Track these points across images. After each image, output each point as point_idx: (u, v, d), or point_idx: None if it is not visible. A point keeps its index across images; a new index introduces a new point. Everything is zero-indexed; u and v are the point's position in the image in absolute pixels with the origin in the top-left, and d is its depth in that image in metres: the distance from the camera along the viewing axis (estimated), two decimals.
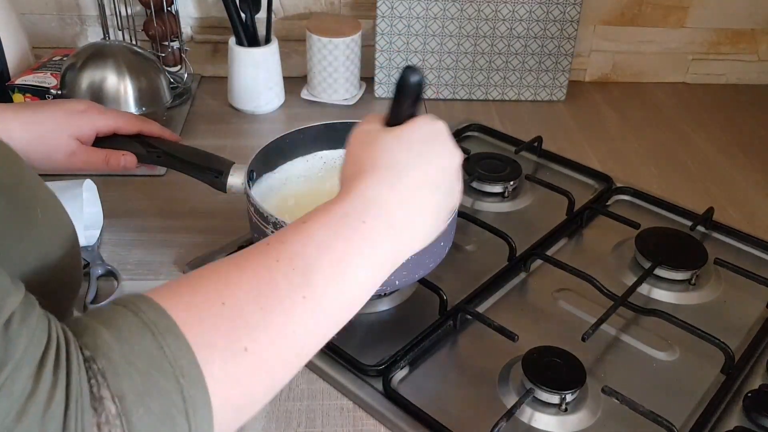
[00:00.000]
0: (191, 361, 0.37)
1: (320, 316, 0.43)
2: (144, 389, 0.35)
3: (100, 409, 0.34)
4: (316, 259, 0.43)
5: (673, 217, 0.96)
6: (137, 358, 0.35)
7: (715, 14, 1.27)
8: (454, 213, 0.54)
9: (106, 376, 0.34)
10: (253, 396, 0.40)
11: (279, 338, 0.40)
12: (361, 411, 0.68)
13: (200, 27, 1.25)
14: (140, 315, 0.37)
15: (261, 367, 0.40)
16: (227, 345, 0.38)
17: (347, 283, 0.44)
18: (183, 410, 0.36)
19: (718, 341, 0.72)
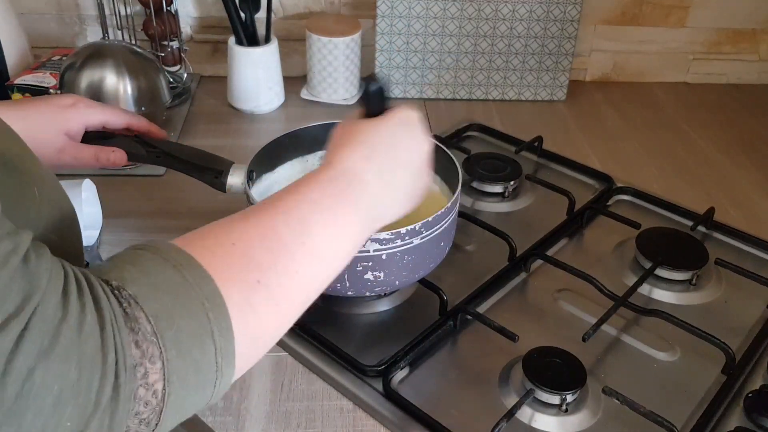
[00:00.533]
0: (213, 288, 0.40)
1: (318, 261, 0.48)
2: (174, 311, 0.38)
3: (136, 327, 0.37)
4: (310, 212, 0.48)
5: (674, 217, 0.96)
6: (164, 285, 0.39)
7: (716, 14, 1.27)
8: (421, 197, 0.61)
9: (138, 300, 0.37)
10: (266, 328, 0.44)
11: (285, 276, 0.45)
12: (361, 411, 0.68)
13: (200, 26, 1.25)
14: (160, 253, 0.41)
15: (272, 300, 0.44)
16: (242, 277, 0.42)
17: (337, 235, 0.50)
18: (210, 330, 0.39)
19: (719, 341, 0.72)
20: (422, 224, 0.68)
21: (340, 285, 0.69)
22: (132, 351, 0.36)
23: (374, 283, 0.70)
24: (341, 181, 0.52)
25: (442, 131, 1.11)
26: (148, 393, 0.37)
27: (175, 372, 0.38)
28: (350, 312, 0.78)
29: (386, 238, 0.66)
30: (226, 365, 0.41)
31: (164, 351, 0.37)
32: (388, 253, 0.67)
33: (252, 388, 0.70)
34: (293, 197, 0.49)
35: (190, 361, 0.38)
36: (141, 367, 0.36)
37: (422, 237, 0.69)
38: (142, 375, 0.36)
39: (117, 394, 0.35)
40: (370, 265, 0.68)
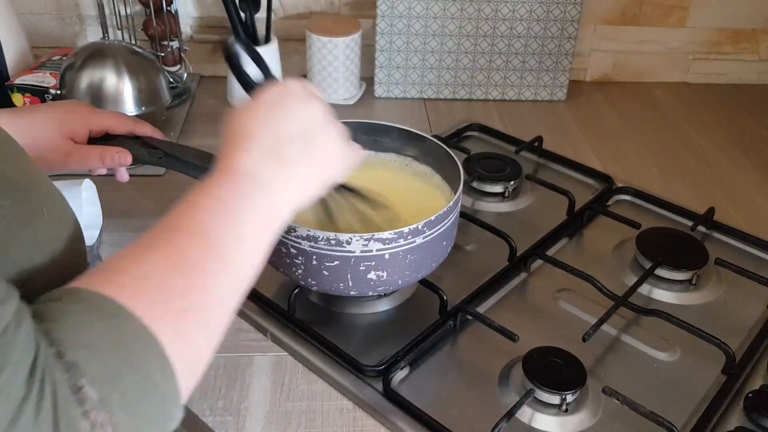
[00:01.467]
0: (147, 333, 0.38)
1: (233, 267, 0.46)
2: (117, 369, 0.37)
3: (82, 398, 0.35)
4: (208, 221, 0.47)
5: (674, 217, 0.96)
6: (100, 342, 0.37)
7: (716, 14, 1.27)
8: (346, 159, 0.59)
9: (79, 365, 0.36)
10: (200, 352, 0.43)
11: (205, 295, 0.44)
12: (361, 411, 0.68)
13: (200, 26, 1.25)
14: (86, 304, 0.38)
15: (200, 323, 0.43)
16: (167, 310, 0.41)
17: (243, 235, 0.48)
18: (154, 382, 0.38)
19: (719, 341, 0.72)
20: (425, 223, 0.68)
21: (343, 285, 0.69)
22: (81, 425, 0.35)
23: (377, 283, 0.70)
24: (229, 183, 0.50)
25: (442, 131, 1.11)
26: None
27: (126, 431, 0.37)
28: (350, 312, 0.78)
29: (389, 237, 0.66)
30: (172, 408, 0.40)
31: (113, 416, 0.36)
32: (391, 252, 0.67)
33: (252, 388, 0.70)
34: (191, 212, 0.47)
35: (141, 417, 0.37)
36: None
37: (425, 236, 0.69)
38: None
39: None
40: (373, 265, 0.68)
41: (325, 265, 0.68)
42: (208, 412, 0.67)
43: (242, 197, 0.49)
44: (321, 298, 0.79)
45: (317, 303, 0.79)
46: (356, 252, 0.67)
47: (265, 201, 0.50)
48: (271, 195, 0.51)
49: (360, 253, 0.67)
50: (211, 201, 0.48)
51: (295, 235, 0.67)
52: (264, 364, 0.72)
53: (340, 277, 0.69)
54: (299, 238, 0.67)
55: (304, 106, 0.55)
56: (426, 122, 1.17)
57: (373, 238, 0.66)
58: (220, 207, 0.48)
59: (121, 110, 0.98)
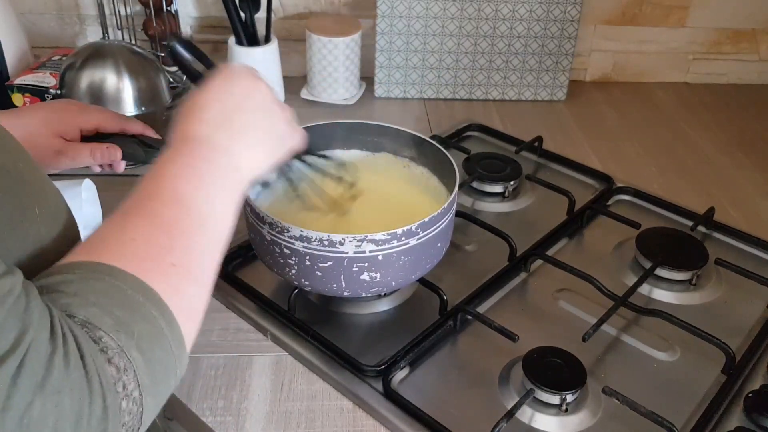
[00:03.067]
0: (145, 287, 0.42)
1: (208, 224, 0.50)
2: (127, 320, 0.40)
3: (104, 347, 0.38)
4: (176, 184, 0.50)
5: (674, 217, 0.96)
6: (103, 299, 0.40)
7: (716, 14, 1.27)
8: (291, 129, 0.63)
9: (92, 321, 0.39)
10: (194, 302, 0.46)
11: (188, 250, 0.47)
12: (361, 411, 0.68)
13: (200, 26, 1.25)
14: (76, 272, 0.41)
15: (189, 276, 0.46)
16: (158, 266, 0.44)
17: (211, 194, 0.51)
18: (160, 327, 0.41)
19: (719, 341, 0.72)
20: (418, 225, 0.68)
21: (336, 286, 0.69)
22: (108, 370, 0.38)
23: (371, 284, 0.70)
24: (186, 150, 0.53)
25: (442, 131, 1.11)
26: (129, 403, 0.39)
27: (146, 375, 0.40)
28: (350, 312, 0.78)
29: (382, 239, 0.66)
30: (180, 352, 0.43)
31: (132, 360, 0.39)
32: (384, 254, 0.67)
33: (252, 388, 0.70)
34: (161, 181, 0.50)
35: (155, 360, 0.41)
36: (119, 383, 0.38)
37: (419, 238, 0.68)
38: (122, 388, 0.38)
39: (106, 414, 0.37)
40: (366, 266, 0.68)
41: (318, 265, 0.68)
42: (208, 412, 0.67)
43: (203, 161, 0.52)
44: (321, 298, 0.79)
45: (317, 303, 0.79)
46: (349, 253, 0.67)
47: (224, 162, 0.53)
48: (229, 158, 0.54)
49: (353, 254, 0.67)
50: (176, 168, 0.51)
51: (288, 235, 0.67)
52: (264, 364, 0.72)
53: (333, 278, 0.69)
54: (292, 239, 0.67)
55: (250, 84, 0.59)
56: (426, 122, 1.17)
57: (366, 239, 0.66)
58: (186, 172, 0.51)
59: (122, 111, 0.98)
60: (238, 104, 0.57)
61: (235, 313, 0.78)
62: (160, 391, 0.42)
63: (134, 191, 0.49)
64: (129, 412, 0.39)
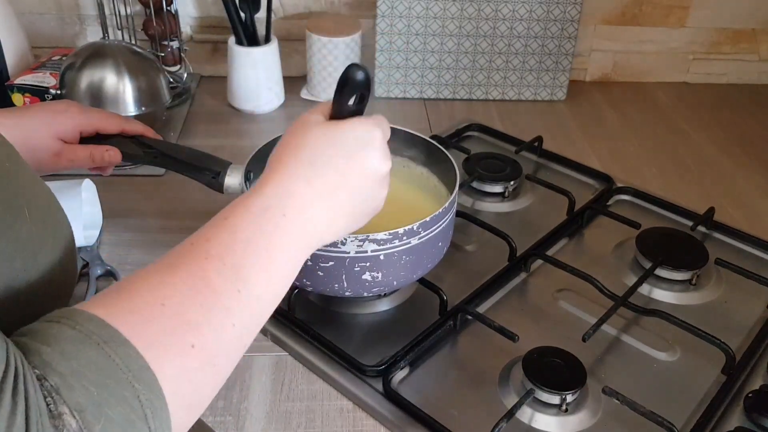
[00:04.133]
0: (142, 365, 0.37)
1: (255, 306, 0.44)
2: (101, 399, 0.35)
3: (60, 426, 0.34)
4: (243, 254, 0.44)
5: (674, 217, 0.96)
6: (87, 370, 0.35)
7: (716, 14, 1.27)
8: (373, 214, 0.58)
9: (61, 392, 0.34)
10: (202, 392, 0.41)
11: (221, 332, 0.41)
12: (361, 411, 0.68)
13: (200, 26, 1.25)
14: (77, 328, 0.37)
15: (207, 362, 0.41)
16: (174, 343, 0.39)
17: (274, 272, 0.46)
18: (142, 415, 0.36)
19: (719, 342, 0.72)
20: (420, 224, 0.68)
21: (338, 286, 0.69)
22: None
23: (372, 284, 0.70)
24: (277, 212, 0.48)
25: (442, 131, 1.11)
26: None
27: None
28: (350, 312, 0.78)
29: (384, 238, 0.66)
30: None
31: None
32: (386, 253, 0.67)
33: (252, 388, 0.70)
34: (224, 236, 0.45)
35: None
36: None
37: (420, 237, 0.69)
38: None
39: None
40: (368, 266, 0.68)
41: (319, 265, 0.68)
42: (208, 412, 0.67)
43: (285, 235, 0.47)
44: (321, 298, 0.79)
45: (317, 303, 0.79)
46: (351, 253, 0.67)
47: (305, 240, 0.49)
48: (313, 234, 0.49)
49: (355, 253, 0.67)
50: (251, 231, 0.46)
51: None
52: (264, 364, 0.72)
53: (334, 278, 0.69)
54: None
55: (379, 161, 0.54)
56: (426, 122, 1.17)
57: (367, 239, 0.66)
58: (260, 242, 0.45)
59: (122, 110, 0.98)
60: (352, 179, 0.52)
61: None
62: None
63: (193, 238, 0.44)
64: None
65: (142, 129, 0.77)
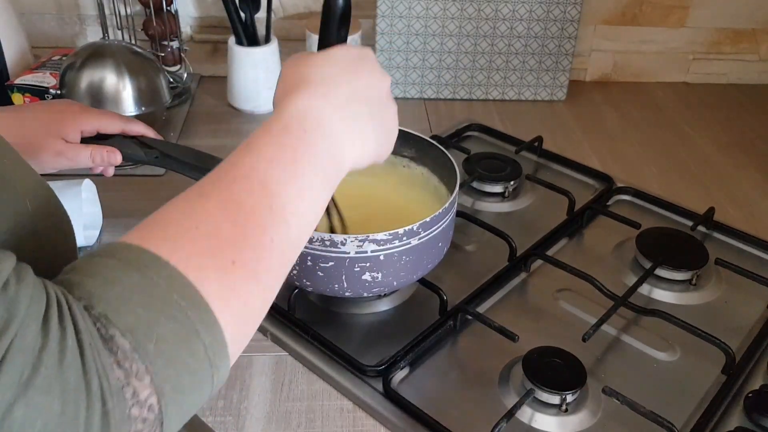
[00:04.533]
0: (186, 284, 0.38)
1: (290, 221, 0.45)
2: (150, 319, 0.36)
3: (114, 347, 0.35)
4: (270, 171, 0.45)
5: (674, 217, 0.96)
6: (132, 294, 0.36)
7: (716, 14, 1.27)
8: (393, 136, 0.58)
9: (109, 317, 0.35)
10: (251, 307, 0.42)
11: (259, 248, 0.42)
12: (361, 411, 0.68)
13: (200, 26, 1.25)
14: (118, 257, 0.38)
15: (251, 277, 0.41)
16: (215, 262, 0.40)
17: (304, 188, 0.46)
18: (194, 330, 0.37)
19: (719, 341, 0.72)
20: (420, 225, 0.68)
21: (337, 286, 0.69)
22: (115, 373, 0.34)
23: (372, 284, 0.70)
24: (297, 128, 0.48)
25: (442, 131, 1.11)
26: (143, 410, 0.35)
27: (167, 382, 0.36)
28: (350, 312, 0.78)
29: (384, 239, 0.66)
30: (219, 359, 0.39)
31: (149, 365, 0.35)
32: (386, 253, 0.67)
33: (252, 388, 0.70)
34: (248, 158, 0.45)
35: (181, 366, 0.37)
36: (129, 388, 0.35)
37: (420, 238, 0.69)
38: (132, 395, 0.35)
39: (107, 421, 0.34)
40: (368, 266, 0.68)
41: (319, 266, 0.68)
42: (208, 412, 0.67)
43: (309, 147, 0.47)
44: (321, 298, 0.79)
45: (317, 303, 0.79)
46: (351, 253, 0.67)
47: (330, 154, 0.49)
48: (337, 149, 0.49)
49: (355, 254, 0.67)
50: (275, 149, 0.46)
51: None
52: (264, 364, 0.72)
53: (334, 278, 0.69)
54: None
55: (380, 75, 0.55)
56: (426, 122, 1.17)
57: (368, 239, 0.66)
58: (284, 156, 0.46)
59: (122, 110, 0.98)
60: (364, 91, 0.52)
61: None
62: (186, 401, 0.38)
63: (220, 166, 0.45)
64: (143, 420, 0.35)
65: (143, 129, 0.77)
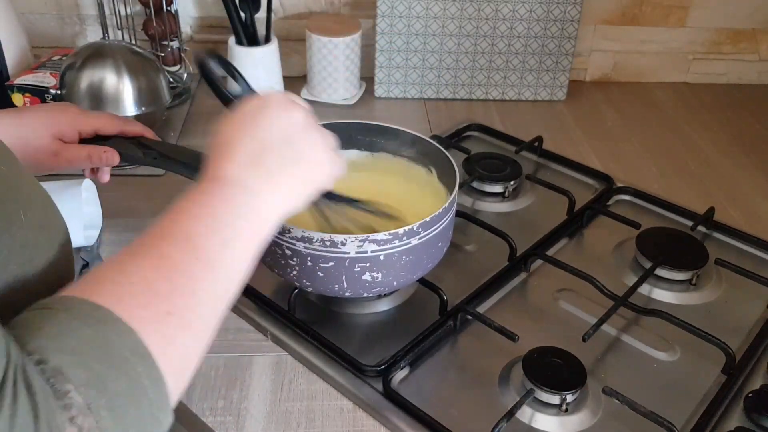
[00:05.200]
0: (135, 339, 0.38)
1: (218, 271, 0.46)
2: (104, 374, 0.36)
3: (68, 403, 0.35)
4: (194, 227, 0.47)
5: (674, 217, 0.96)
6: (86, 348, 0.37)
7: (716, 14, 1.27)
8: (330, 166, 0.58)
9: (64, 371, 0.35)
10: (188, 356, 0.43)
11: (190, 297, 0.44)
12: (361, 411, 0.68)
13: (200, 26, 1.25)
14: (68, 311, 0.38)
15: (185, 326, 0.43)
16: (152, 314, 0.41)
17: (228, 240, 0.48)
18: (143, 387, 0.38)
19: (719, 341, 0.72)
20: (420, 225, 0.68)
21: (338, 286, 0.69)
22: (69, 430, 0.34)
23: (372, 284, 0.70)
24: (214, 190, 0.50)
25: (442, 131, 1.11)
26: None
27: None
28: (350, 312, 0.78)
29: (384, 238, 0.66)
30: (162, 414, 0.40)
31: (99, 420, 0.35)
32: (386, 253, 0.67)
33: (252, 388, 0.70)
34: (174, 217, 0.47)
35: (129, 422, 0.37)
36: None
37: (420, 237, 0.69)
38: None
39: None
40: (368, 266, 0.68)
41: (319, 266, 0.68)
42: (208, 412, 0.67)
43: (227, 203, 0.49)
44: (321, 298, 0.79)
45: (317, 303, 0.79)
46: (351, 253, 0.67)
47: (250, 207, 0.50)
48: (257, 201, 0.51)
49: (355, 254, 0.67)
50: (196, 207, 0.48)
51: (289, 236, 0.67)
52: (264, 364, 0.72)
53: (334, 279, 0.69)
54: (294, 239, 0.67)
55: (285, 113, 0.55)
56: (426, 122, 1.17)
57: (368, 240, 0.66)
58: (204, 212, 0.48)
59: (122, 110, 0.98)
60: (270, 138, 0.53)
61: (235, 313, 0.78)
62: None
63: (148, 230, 0.47)
64: None
65: (141, 130, 0.77)
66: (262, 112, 0.55)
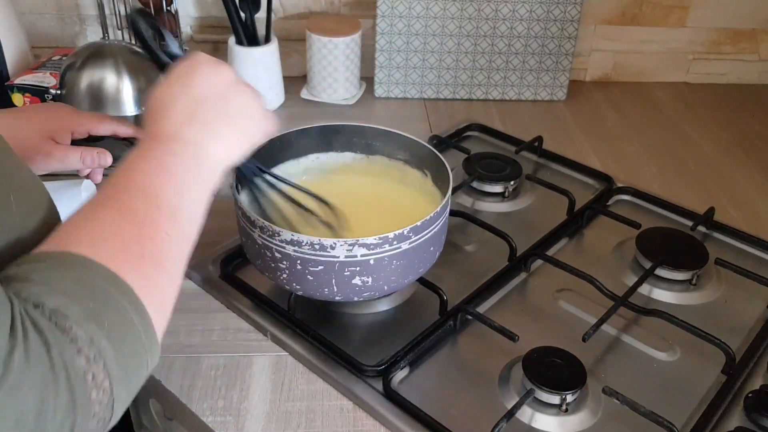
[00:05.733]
0: (114, 276, 0.42)
1: (177, 215, 0.50)
2: (98, 310, 0.40)
3: (73, 337, 0.38)
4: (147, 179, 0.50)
5: (674, 217, 0.96)
6: (74, 289, 0.40)
7: (716, 14, 1.27)
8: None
9: (62, 310, 0.38)
10: (165, 293, 0.47)
11: (159, 241, 0.47)
12: (361, 411, 0.68)
13: (200, 26, 1.25)
14: (48, 262, 0.41)
15: (159, 266, 0.46)
16: (126, 257, 0.44)
17: (181, 188, 0.51)
18: (131, 318, 0.42)
19: (719, 341, 0.72)
20: (410, 229, 0.67)
21: (327, 290, 0.69)
22: (78, 360, 0.38)
23: (362, 288, 0.69)
24: (163, 146, 0.53)
25: (442, 131, 1.11)
26: (99, 393, 0.39)
27: (116, 366, 0.40)
28: (350, 312, 0.78)
29: (374, 242, 0.66)
30: (151, 343, 0.43)
31: (102, 350, 0.39)
32: (375, 258, 0.67)
33: (252, 388, 0.70)
34: (130, 174, 0.50)
35: (125, 351, 0.41)
36: (89, 373, 0.38)
37: (411, 242, 0.68)
38: (92, 379, 0.38)
39: (74, 405, 0.37)
40: (357, 270, 0.67)
41: (309, 269, 0.68)
42: (208, 412, 0.67)
43: (173, 156, 0.52)
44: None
45: (317, 303, 0.79)
46: (340, 257, 0.66)
47: (193, 157, 0.53)
48: (199, 151, 0.54)
49: (344, 258, 0.66)
50: (144, 163, 0.51)
51: (279, 239, 0.67)
52: (264, 364, 0.72)
53: (324, 282, 0.68)
54: (283, 243, 0.67)
55: (214, 70, 0.58)
56: (426, 122, 1.17)
57: (357, 243, 0.65)
58: (154, 166, 0.51)
59: (121, 110, 0.98)
60: (203, 95, 0.56)
61: (235, 313, 0.78)
62: (131, 381, 0.42)
63: (104, 185, 0.50)
64: (99, 402, 0.39)
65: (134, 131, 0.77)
66: (194, 72, 0.58)
